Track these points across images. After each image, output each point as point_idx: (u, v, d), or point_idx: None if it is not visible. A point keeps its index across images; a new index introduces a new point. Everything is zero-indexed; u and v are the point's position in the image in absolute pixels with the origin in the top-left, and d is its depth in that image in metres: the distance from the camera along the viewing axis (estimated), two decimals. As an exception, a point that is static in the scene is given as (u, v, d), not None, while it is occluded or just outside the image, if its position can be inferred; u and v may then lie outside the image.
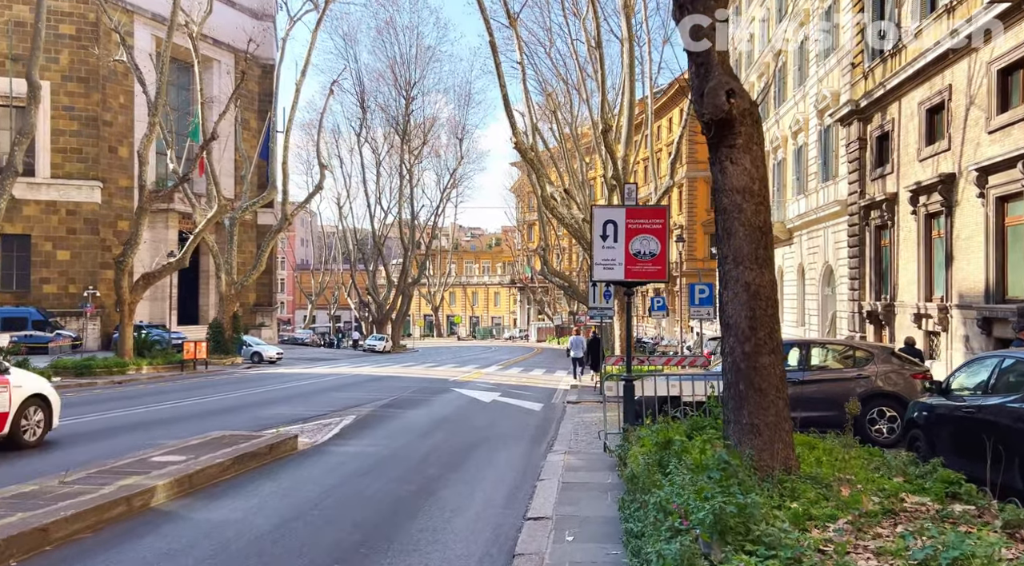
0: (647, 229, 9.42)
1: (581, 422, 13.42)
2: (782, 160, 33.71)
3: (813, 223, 28.72)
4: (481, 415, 14.21)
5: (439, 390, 19.22)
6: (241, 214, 34.11)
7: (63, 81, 42.27)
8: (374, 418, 12.93)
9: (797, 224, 30.53)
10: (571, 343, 28.36)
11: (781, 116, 33.35)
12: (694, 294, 17.34)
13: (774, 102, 34.87)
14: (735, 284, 5.79)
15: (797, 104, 30.71)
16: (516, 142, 23.60)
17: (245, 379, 23.14)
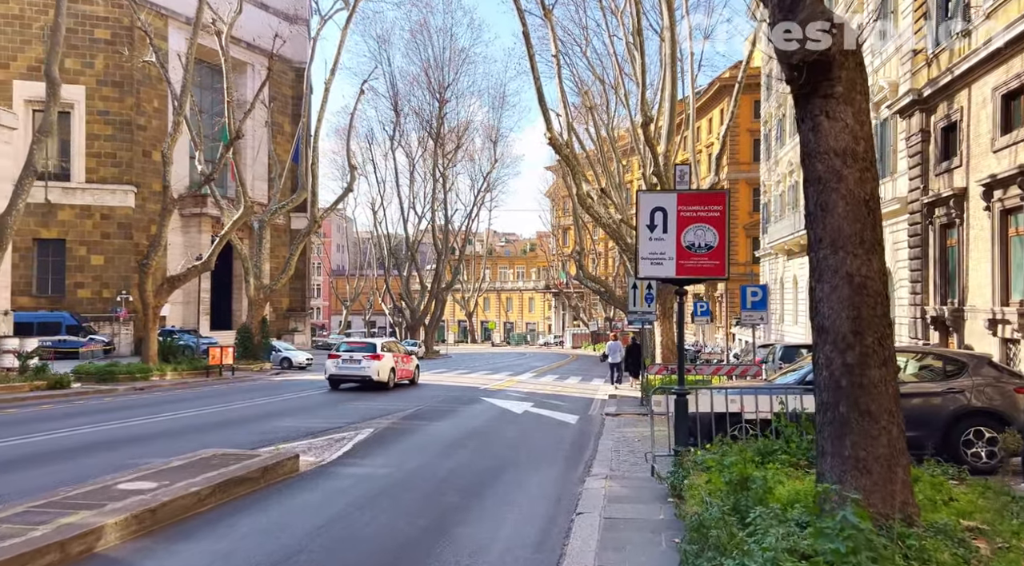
0: (703, 217, 8.08)
1: (622, 438, 12.07)
2: (832, 157, 31.84)
3: (868, 223, 26.86)
4: (511, 428, 12.94)
5: (468, 400, 18.00)
6: (271, 217, 33.42)
7: (98, 85, 42.35)
8: (393, 432, 11.75)
9: (850, 224, 28.67)
10: (608, 349, 26.98)
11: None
12: (746, 297, 15.85)
13: (823, 97, 33.03)
14: (832, 275, 4.46)
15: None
16: (551, 138, 22.34)
17: (268, 386, 22.22)
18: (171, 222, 46.87)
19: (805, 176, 4.70)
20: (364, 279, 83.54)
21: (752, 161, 52.89)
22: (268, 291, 32.63)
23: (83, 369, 23.02)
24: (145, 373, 23.89)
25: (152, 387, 22.17)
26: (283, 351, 35.35)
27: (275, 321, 54.75)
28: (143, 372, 23.85)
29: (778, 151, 42.44)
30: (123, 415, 13.45)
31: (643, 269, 8.20)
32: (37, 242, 41.33)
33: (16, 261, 40.22)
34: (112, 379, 22.46)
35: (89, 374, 22.63)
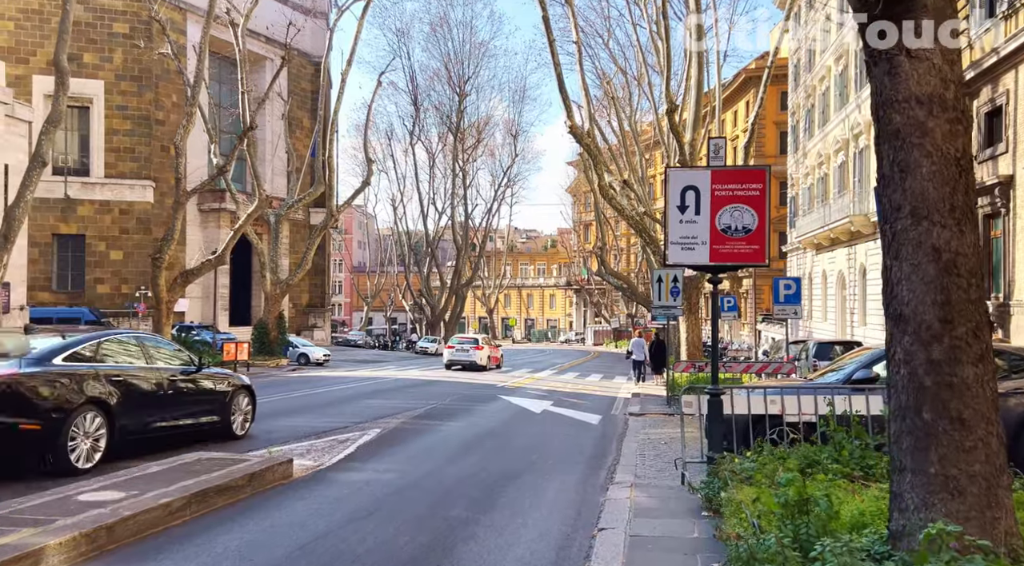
0: (740, 197, 7.22)
1: (647, 440, 11.24)
2: (864, 148, 30.70)
3: (904, 214, 25.70)
4: (529, 429, 12.16)
5: (485, 398, 17.25)
6: (287, 211, 32.93)
7: (116, 80, 42.15)
8: (402, 432, 11.02)
9: (884, 216, 27.52)
10: (632, 345, 26.13)
11: (863, 100, 30.33)
12: (778, 290, 14.90)
13: (854, 86, 31.89)
14: (914, 251, 3.62)
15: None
16: (571, 126, 21.49)
17: (281, 382, 21.66)
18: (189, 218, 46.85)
19: (878, 132, 3.85)
20: (385, 275, 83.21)
21: (778, 154, 51.54)
22: (285, 286, 32.16)
23: (95, 365, 22.64)
24: (158, 369, 23.47)
25: (164, 383, 21.69)
26: (300, 347, 34.88)
27: (295, 317, 54.45)
28: (156, 368, 23.43)
29: (806, 143, 41.17)
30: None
31: (673, 255, 7.37)
32: (56, 237, 41.28)
33: (35, 256, 40.22)
34: (124, 375, 22.03)
35: (101, 370, 22.24)
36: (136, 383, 8.34)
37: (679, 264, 7.91)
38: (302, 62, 54.70)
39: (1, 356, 7.30)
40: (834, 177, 35.73)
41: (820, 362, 16.65)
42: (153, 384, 8.63)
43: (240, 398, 10.22)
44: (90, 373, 7.72)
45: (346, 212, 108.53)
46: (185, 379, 9.24)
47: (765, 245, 7.21)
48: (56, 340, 7.96)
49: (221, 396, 9.85)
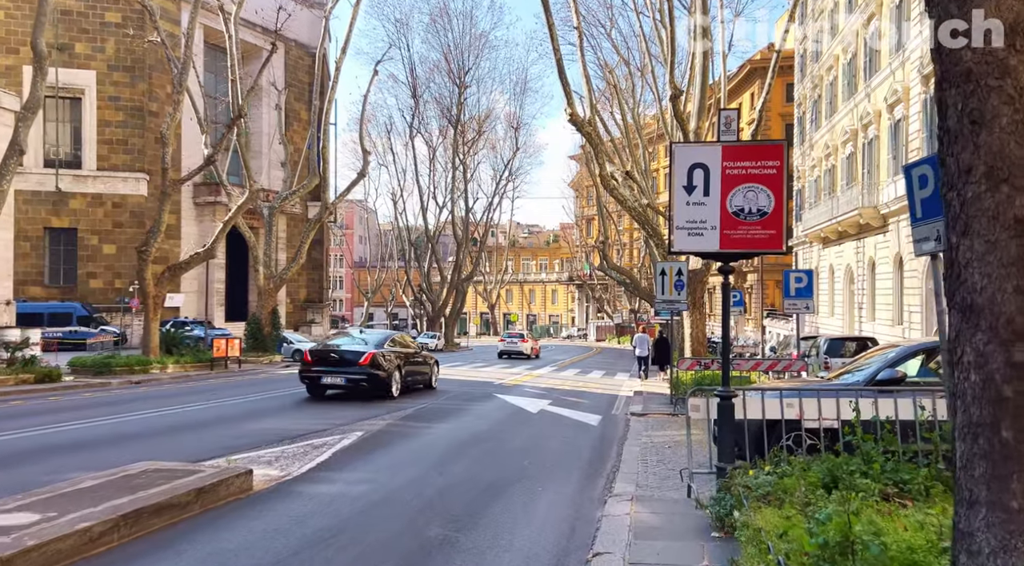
0: (755, 176, 6.41)
1: (650, 443, 10.46)
2: (874, 138, 29.82)
3: (916, 206, 24.83)
4: (524, 431, 11.37)
5: (480, 396, 16.47)
6: (281, 204, 32.15)
7: (109, 70, 41.37)
8: (386, 436, 10.24)
9: (895, 209, 26.70)
10: (635, 341, 25.34)
11: (873, 88, 29.48)
12: (789, 283, 14.09)
13: (863, 74, 31.02)
14: (990, 224, 2.83)
15: (894, 73, 26.84)
16: (571, 114, 20.66)
17: (271, 381, 20.91)
18: (184, 211, 46.12)
19: (941, 75, 3.06)
20: (386, 271, 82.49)
21: (784, 146, 50.51)
22: (279, 280, 31.40)
23: (79, 361, 21.92)
24: (144, 366, 22.73)
25: (150, 381, 20.99)
26: (295, 343, 34.09)
27: (292, 312, 53.72)
28: (142, 364, 22.69)
29: (813, 134, 40.29)
30: (92, 414, 12.12)
31: (679, 241, 6.56)
32: (48, 231, 40.58)
33: (27, 250, 39.53)
34: (108, 372, 21.32)
35: (85, 366, 21.52)
36: (407, 357, 16.43)
37: (686, 252, 7.09)
38: (300, 53, 53.87)
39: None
40: (842, 169, 34.85)
41: (832, 359, 15.86)
42: (411, 358, 16.64)
43: (435, 366, 18.42)
44: (396, 352, 15.93)
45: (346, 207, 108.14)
46: (417, 355, 17.44)
47: (783, 230, 6.40)
48: (384, 334, 17.78)
49: (430, 364, 18.04)
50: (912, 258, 25.51)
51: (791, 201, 47.20)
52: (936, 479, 5.41)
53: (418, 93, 55.02)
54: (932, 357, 8.09)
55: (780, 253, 6.56)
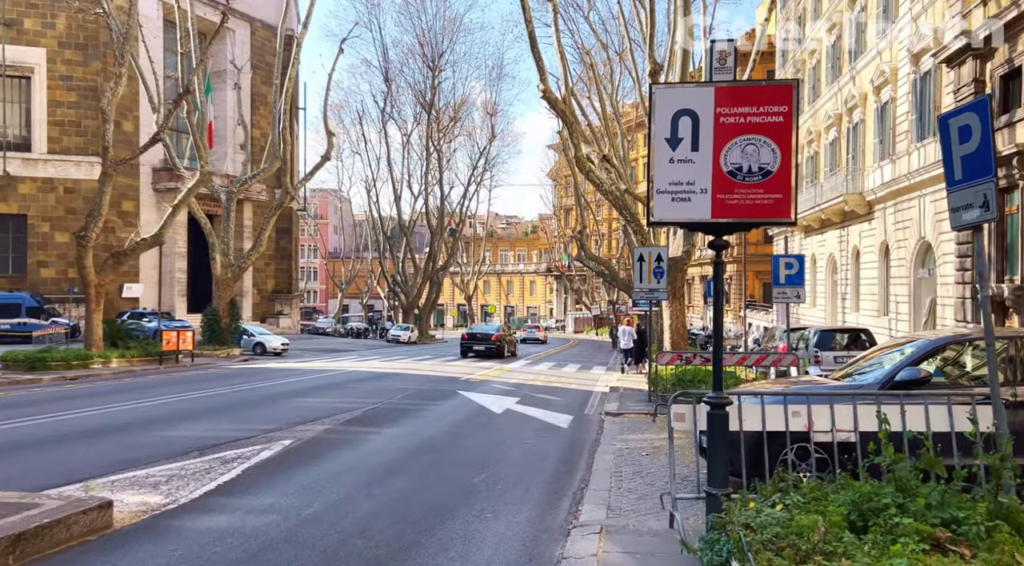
0: (756, 125, 5.06)
1: (625, 450, 9.14)
2: (859, 122, 28.77)
3: (904, 191, 23.86)
4: (483, 437, 9.99)
5: (441, 394, 15.07)
6: (240, 188, 30.38)
7: (60, 48, 39.17)
8: (319, 444, 8.80)
9: (881, 195, 25.68)
10: (620, 334, 24.08)
11: (858, 70, 28.38)
12: (778, 270, 12.82)
13: (848, 57, 29.94)
14: None
15: (881, 53, 25.74)
16: (544, 90, 19.26)
17: (218, 377, 19.33)
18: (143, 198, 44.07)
19: None
20: (361, 262, 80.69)
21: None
22: (237, 269, 29.69)
23: (11, 356, 20.18)
24: (84, 360, 21.04)
25: (89, 377, 19.33)
26: (256, 336, 32.50)
27: (260, 303, 51.89)
28: (81, 359, 20.99)
29: (794, 121, 39.21)
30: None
31: (660, 208, 5.18)
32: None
33: (-29, 238, 37.48)
34: (43, 367, 19.62)
35: (17, 362, 19.80)
36: (505, 336, 31.92)
37: (668, 222, 5.68)
38: (267, 35, 51.82)
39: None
40: (825, 155, 33.84)
41: (822, 353, 14.67)
42: (506, 337, 30.98)
43: (516, 342, 32.65)
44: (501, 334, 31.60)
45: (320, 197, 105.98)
46: (510, 335, 32.59)
47: (792, 194, 5.05)
48: (495, 325, 36.11)
49: (514, 340, 32.03)
50: (900, 246, 24.47)
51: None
52: (998, 516, 4.11)
53: (391, 77, 53.33)
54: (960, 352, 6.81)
55: (787, 223, 5.20)
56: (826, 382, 6.98)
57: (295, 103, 57.62)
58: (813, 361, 14.52)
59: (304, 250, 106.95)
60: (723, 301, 5.41)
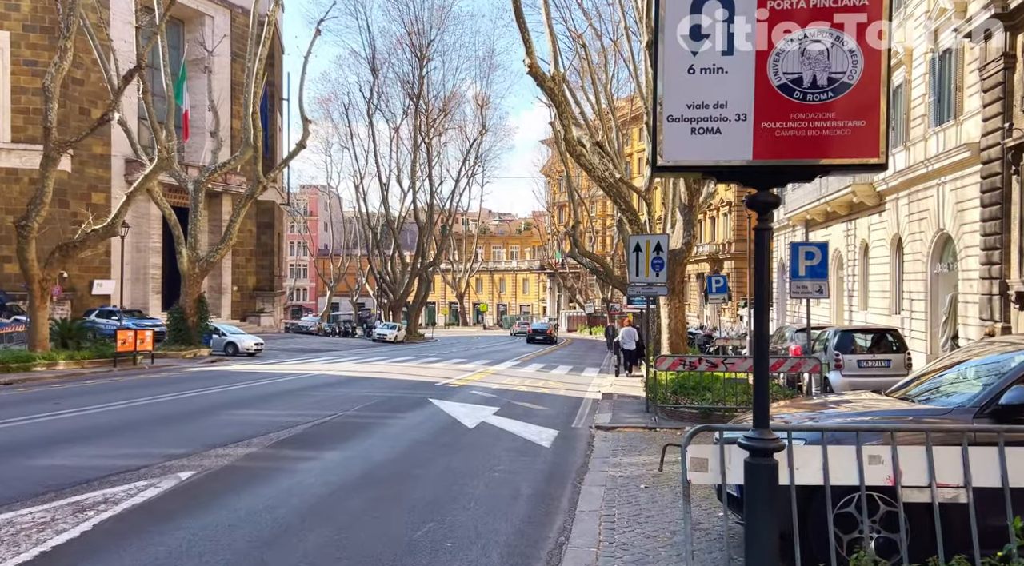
0: (823, 10, 3.21)
1: (619, 482, 7.31)
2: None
3: (920, 180, 22.08)
4: (444, 463, 8.11)
5: (409, 404, 13.18)
6: (208, 177, 28.41)
7: (24, 31, 37.17)
8: (226, 478, 6.91)
9: (893, 185, 23.88)
10: (622, 335, 22.27)
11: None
12: (798, 261, 11.00)
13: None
14: None
15: (893, 32, 23.94)
16: (531, 66, 17.40)
17: (168, 381, 17.41)
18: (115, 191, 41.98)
19: None
20: (351, 259, 78.75)
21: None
22: (205, 264, 27.74)
23: (-58, 358, 18.27)
24: (26, 363, 19.12)
25: (26, 381, 17.40)
26: (228, 335, 30.52)
27: (240, 301, 49.92)
28: (22, 361, 19.07)
29: (797, 109, 37.44)
30: None
31: (672, 144, 3.32)
32: (-47, 210, 36.37)
33: (-72, 231, 35.44)
34: (-24, 370, 17.70)
35: (-52, 365, 17.91)
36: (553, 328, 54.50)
37: (685, 167, 3.75)
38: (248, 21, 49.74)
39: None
40: (830, 145, 32.03)
41: (844, 356, 12.85)
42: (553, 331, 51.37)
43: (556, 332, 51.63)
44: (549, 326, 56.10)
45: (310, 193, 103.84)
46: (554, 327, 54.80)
47: (882, 119, 3.20)
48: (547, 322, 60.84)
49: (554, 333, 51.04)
50: (915, 239, 22.66)
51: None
52: None
53: (377, 65, 51.33)
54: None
55: (875, 168, 3.35)
56: (891, 404, 5.12)
57: (279, 94, 55.72)
58: (833, 366, 12.71)
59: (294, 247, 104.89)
60: (768, 288, 3.53)
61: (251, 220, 51.02)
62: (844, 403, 5.78)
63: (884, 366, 12.65)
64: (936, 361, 6.14)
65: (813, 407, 5.77)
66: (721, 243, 52.63)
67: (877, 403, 5.26)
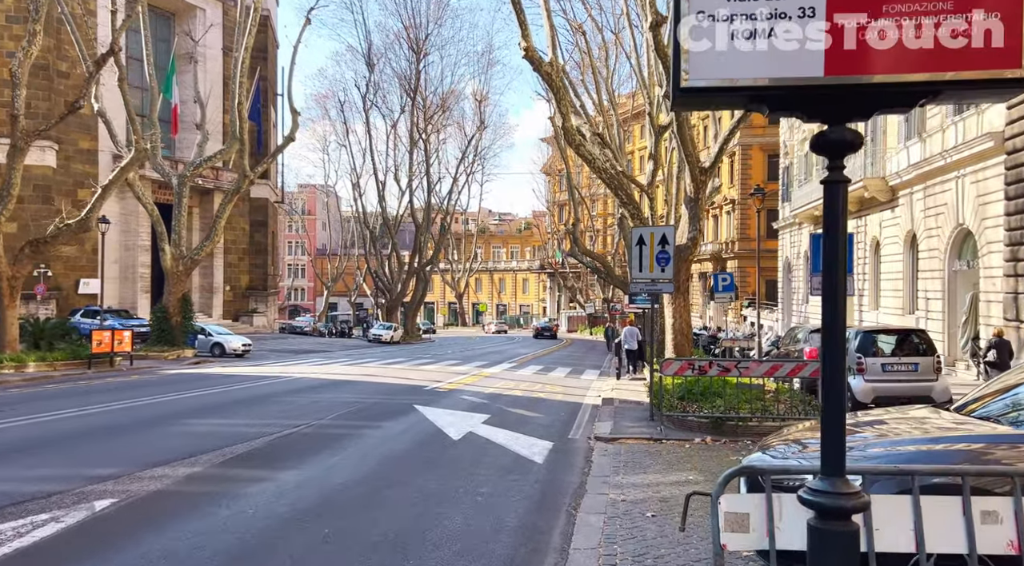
0: None
1: (621, 505, 6.22)
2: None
3: (938, 172, 20.99)
4: (418, 485, 7.01)
5: (391, 411, 12.07)
6: (192, 171, 27.31)
7: (7, 23, 36.07)
8: (151, 506, 5.81)
9: (908, 178, 22.79)
10: (624, 335, 21.25)
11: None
12: (820, 254, 9.88)
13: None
14: None
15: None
16: (526, 49, 16.33)
17: (139, 385, 16.32)
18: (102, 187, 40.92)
19: None
20: (349, 258, 77.68)
21: (767, 124, 46.83)
22: (190, 262, 26.64)
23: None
24: (-8, 364, 18.06)
25: (-10, 384, 16.30)
26: (215, 336, 29.42)
27: (232, 301, 48.81)
28: (-12, 363, 18.02)
29: (804, 103, 36.32)
30: None
31: (701, 59, 2.21)
32: (-67, 206, 35.18)
33: (-94, 228, 34.33)
34: (-64, 373, 16.61)
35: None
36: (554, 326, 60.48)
37: (721, 89, 2.62)
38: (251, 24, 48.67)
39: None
40: (839, 139, 30.90)
41: (867, 359, 11.75)
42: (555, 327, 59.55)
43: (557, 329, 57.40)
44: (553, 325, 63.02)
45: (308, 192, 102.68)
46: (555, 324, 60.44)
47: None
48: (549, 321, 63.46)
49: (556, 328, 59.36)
50: (931, 235, 21.56)
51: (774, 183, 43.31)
52: None
53: (373, 59, 50.20)
54: None
55: (1012, 86, 2.25)
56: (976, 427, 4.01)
57: (272, 89, 54.58)
58: (855, 370, 11.61)
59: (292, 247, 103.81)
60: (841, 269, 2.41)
61: (244, 218, 49.91)
62: (897, 422, 4.67)
63: (911, 370, 11.54)
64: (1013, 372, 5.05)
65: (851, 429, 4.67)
66: (724, 242, 51.51)
67: (954, 424, 4.14)
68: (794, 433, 4.89)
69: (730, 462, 8.36)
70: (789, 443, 4.48)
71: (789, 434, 4.87)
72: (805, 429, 4.85)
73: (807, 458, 3.94)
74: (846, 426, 4.76)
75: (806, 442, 4.37)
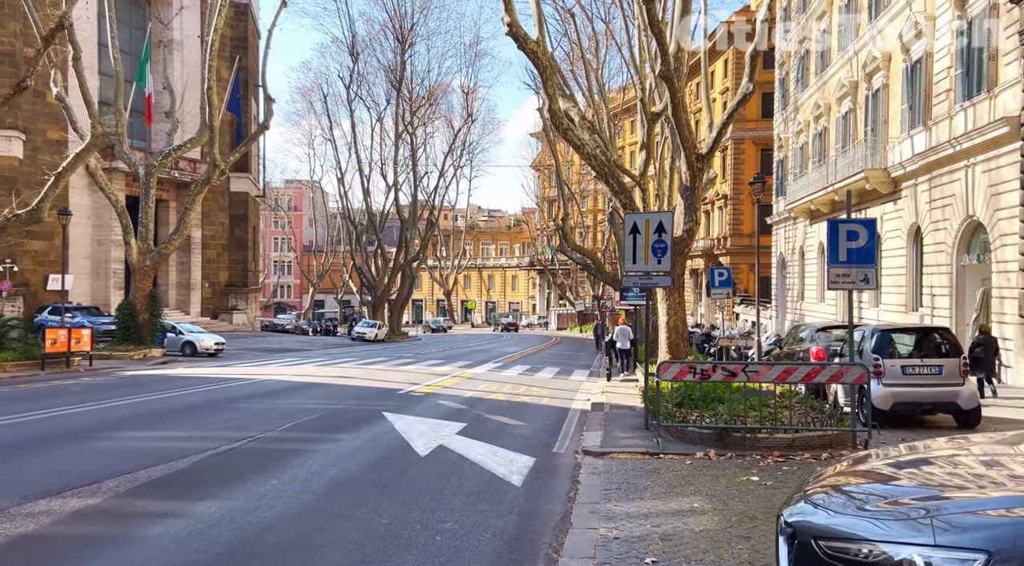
0: None
1: (614, 549, 4.98)
2: (881, 88, 24.80)
3: (944, 162, 19.89)
4: (366, 520, 5.72)
5: (356, 419, 10.77)
6: (161, 161, 25.86)
7: (-23, 10, 34.45)
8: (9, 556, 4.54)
9: (911, 169, 21.68)
10: (616, 334, 20.10)
11: (880, 29, 24.40)
12: (837, 243, 8.65)
13: (869, 12, 25.99)
14: None
15: (911, 3, 21.74)
16: (510, 24, 15.02)
17: (87, 387, 14.94)
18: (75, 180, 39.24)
19: None
20: (335, 255, 76.21)
21: (760, 118, 45.87)
22: (157, 256, 25.19)
23: None
24: (-70, 366, 16.64)
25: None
26: (186, 334, 28.00)
27: (211, 297, 47.30)
28: (-74, 365, 16.60)
29: (799, 95, 35.27)
30: None
31: None
32: None
33: None
34: None
35: None
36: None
37: None
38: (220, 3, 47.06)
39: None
40: (836, 130, 29.87)
41: (884, 360, 10.54)
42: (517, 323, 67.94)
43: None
44: None
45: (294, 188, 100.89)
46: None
47: None
48: None
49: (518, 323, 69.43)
50: (937, 228, 20.44)
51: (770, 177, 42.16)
52: None
53: (357, 50, 48.77)
54: None
55: None
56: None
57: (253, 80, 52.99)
58: (872, 373, 10.41)
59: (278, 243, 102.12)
60: None
61: (224, 212, 48.39)
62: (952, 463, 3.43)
63: (935, 373, 10.36)
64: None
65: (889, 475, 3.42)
66: (717, 237, 50.49)
67: None
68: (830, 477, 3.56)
69: (740, 483, 7.14)
70: (829, 491, 3.24)
71: (825, 478, 3.57)
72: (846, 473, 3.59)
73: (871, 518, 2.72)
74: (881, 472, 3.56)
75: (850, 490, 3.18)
